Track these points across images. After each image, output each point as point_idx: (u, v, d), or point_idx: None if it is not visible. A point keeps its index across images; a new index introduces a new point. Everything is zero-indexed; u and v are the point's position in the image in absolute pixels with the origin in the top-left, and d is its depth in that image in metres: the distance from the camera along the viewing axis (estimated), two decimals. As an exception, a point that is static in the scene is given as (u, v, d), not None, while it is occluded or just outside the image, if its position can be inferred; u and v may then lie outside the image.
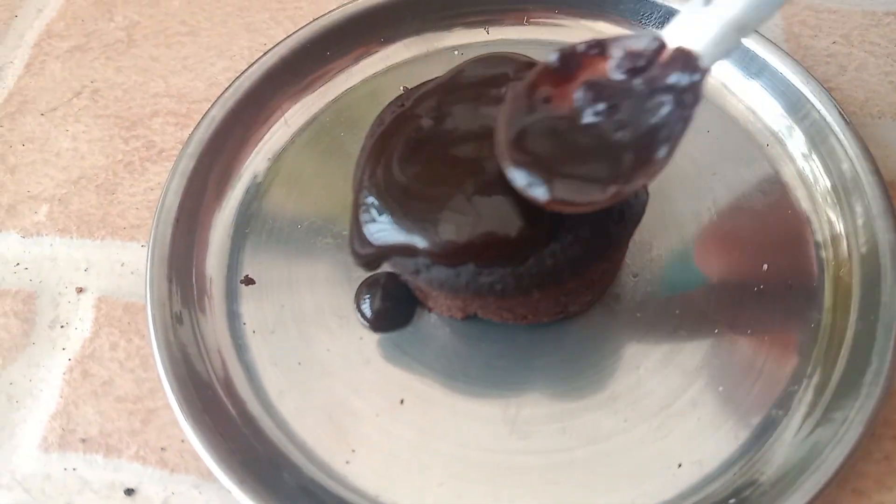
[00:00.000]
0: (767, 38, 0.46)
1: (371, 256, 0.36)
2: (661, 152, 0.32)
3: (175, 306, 0.40)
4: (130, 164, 0.48)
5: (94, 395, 0.40)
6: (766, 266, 0.41)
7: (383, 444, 0.38)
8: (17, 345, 0.42)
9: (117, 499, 0.38)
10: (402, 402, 0.39)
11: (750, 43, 0.46)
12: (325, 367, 0.40)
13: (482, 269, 0.35)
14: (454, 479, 0.37)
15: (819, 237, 0.42)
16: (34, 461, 0.39)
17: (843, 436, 0.35)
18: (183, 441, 0.39)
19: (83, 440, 0.39)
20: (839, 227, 0.42)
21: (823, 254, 0.42)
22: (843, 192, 0.43)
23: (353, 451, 0.38)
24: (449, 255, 0.34)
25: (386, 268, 0.37)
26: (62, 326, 0.42)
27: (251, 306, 0.42)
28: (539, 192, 0.32)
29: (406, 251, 0.35)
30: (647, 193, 0.38)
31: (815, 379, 0.38)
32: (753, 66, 0.47)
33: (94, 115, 0.50)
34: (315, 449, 0.38)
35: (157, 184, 0.47)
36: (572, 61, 0.34)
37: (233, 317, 0.42)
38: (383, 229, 0.35)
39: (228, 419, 0.38)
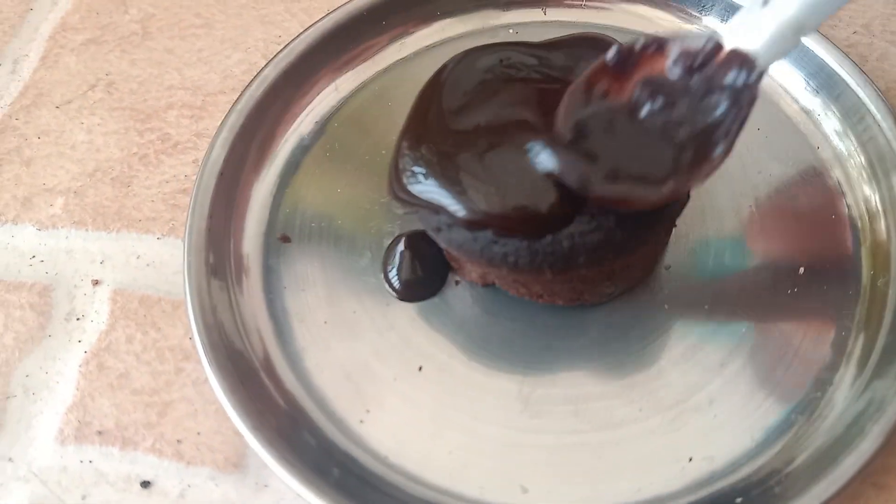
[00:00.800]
0: None
1: (403, 204, 0.37)
2: (718, 150, 0.32)
3: (211, 258, 0.41)
4: (146, 156, 0.48)
5: (111, 387, 0.40)
6: (802, 269, 0.41)
7: (398, 408, 0.38)
8: (33, 337, 0.42)
9: (133, 491, 0.38)
10: (420, 369, 0.39)
11: None
12: (349, 329, 0.40)
13: (498, 237, 0.35)
14: (463, 449, 0.37)
15: (854, 213, 0.42)
16: (51, 453, 0.39)
17: (858, 444, 0.35)
18: (199, 433, 0.39)
19: (99, 433, 0.39)
20: (875, 202, 0.42)
21: (861, 239, 0.42)
22: (878, 166, 0.42)
23: (368, 411, 0.38)
24: (466, 219, 0.35)
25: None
26: (78, 319, 0.42)
27: (285, 263, 0.42)
28: (590, 185, 0.33)
29: (430, 207, 0.35)
30: (689, 196, 0.37)
31: (839, 386, 0.38)
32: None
33: (110, 107, 0.50)
34: (331, 405, 0.38)
35: (173, 176, 0.47)
36: (630, 58, 0.34)
37: (267, 272, 0.42)
38: (415, 182, 0.36)
39: (252, 369, 0.39)
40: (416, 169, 0.36)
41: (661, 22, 0.49)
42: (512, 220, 0.34)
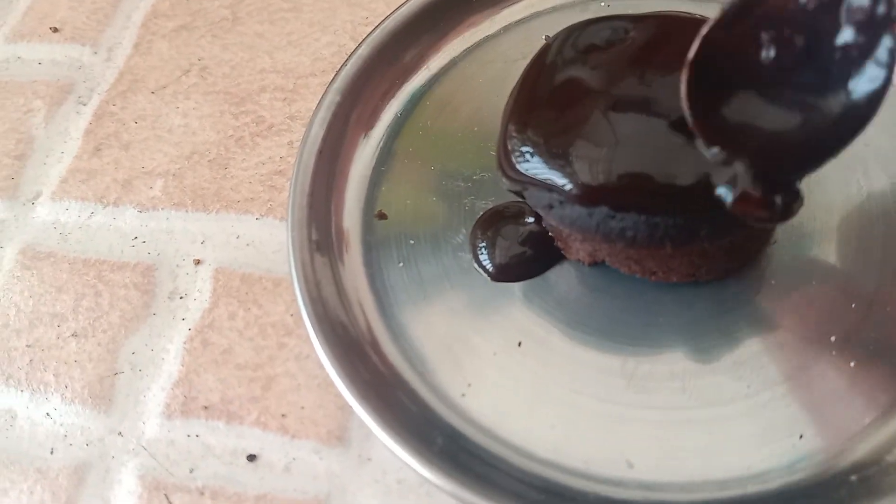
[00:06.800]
0: None
1: (513, 183, 0.37)
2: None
3: (314, 235, 0.41)
4: (241, 139, 0.48)
5: (215, 363, 0.41)
6: None
7: (499, 382, 0.38)
8: (138, 316, 0.43)
9: (240, 464, 0.38)
10: (519, 344, 0.39)
11: None
12: (447, 303, 0.41)
13: (615, 212, 0.34)
14: (566, 423, 0.37)
15: None
16: (158, 428, 0.40)
17: None
18: (303, 408, 0.39)
19: (205, 407, 0.40)
20: None
21: None
22: None
23: (469, 385, 0.38)
24: (582, 195, 0.34)
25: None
26: (181, 297, 0.43)
27: (383, 239, 0.43)
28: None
29: (543, 185, 0.35)
30: None
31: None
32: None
33: (204, 91, 0.51)
34: (433, 378, 0.39)
35: (269, 157, 0.47)
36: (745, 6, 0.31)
37: (367, 248, 0.43)
38: (525, 161, 0.36)
39: (355, 342, 0.39)
40: (526, 149, 0.36)
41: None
42: (636, 192, 0.34)
